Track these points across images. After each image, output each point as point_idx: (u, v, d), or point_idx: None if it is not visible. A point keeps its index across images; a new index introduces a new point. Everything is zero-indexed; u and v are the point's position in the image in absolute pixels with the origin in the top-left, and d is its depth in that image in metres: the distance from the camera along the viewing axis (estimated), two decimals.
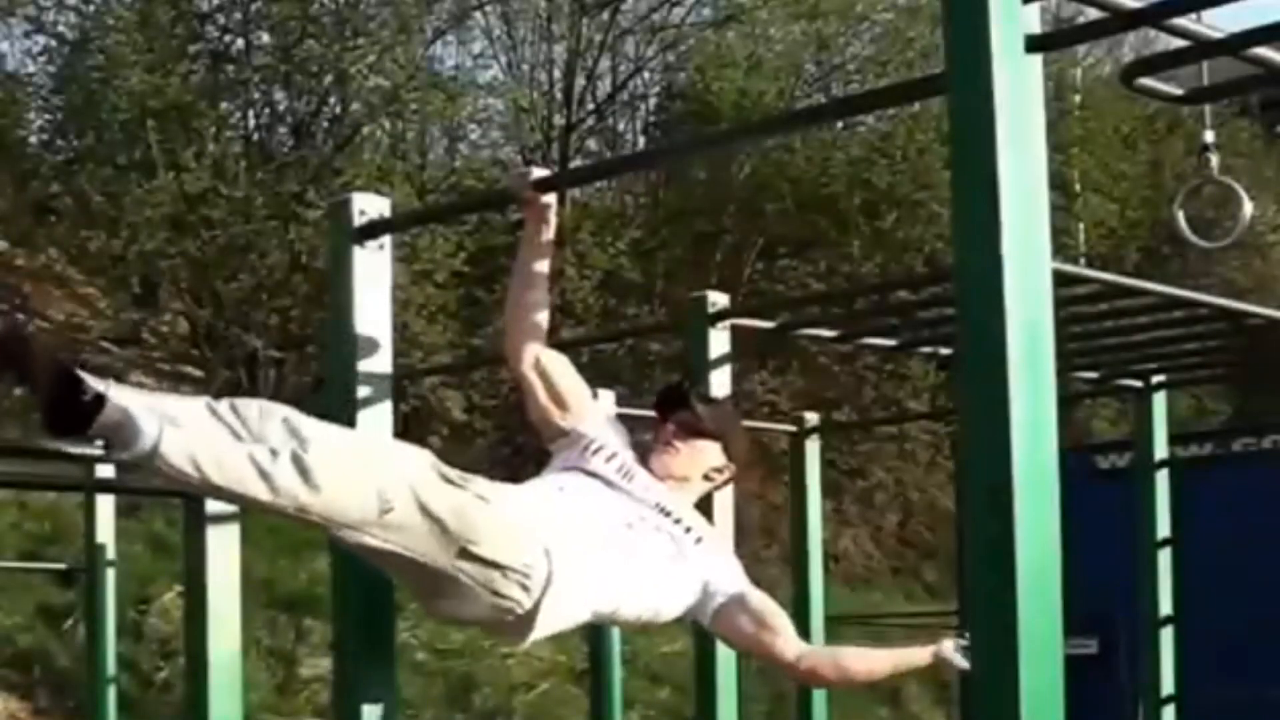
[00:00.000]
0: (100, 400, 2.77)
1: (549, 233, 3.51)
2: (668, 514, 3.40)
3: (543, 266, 3.52)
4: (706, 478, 3.56)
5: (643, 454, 3.54)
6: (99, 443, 2.88)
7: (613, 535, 3.27)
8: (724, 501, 4.22)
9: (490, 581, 3.01)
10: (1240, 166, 16.09)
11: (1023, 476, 2.28)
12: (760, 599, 3.46)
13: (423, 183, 14.38)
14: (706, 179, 16.32)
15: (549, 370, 3.53)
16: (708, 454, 3.56)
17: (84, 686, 7.42)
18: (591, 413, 3.59)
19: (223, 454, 2.85)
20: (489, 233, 14.30)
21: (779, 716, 11.02)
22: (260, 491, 2.83)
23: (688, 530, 3.40)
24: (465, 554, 2.98)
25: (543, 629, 3.16)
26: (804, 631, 6.21)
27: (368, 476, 2.95)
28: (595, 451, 3.46)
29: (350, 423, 3.52)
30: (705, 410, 3.60)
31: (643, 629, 3.50)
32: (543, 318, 3.52)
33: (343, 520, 2.89)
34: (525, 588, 3.05)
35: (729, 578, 3.45)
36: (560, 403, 3.53)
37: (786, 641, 3.42)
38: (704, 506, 4.22)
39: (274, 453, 2.86)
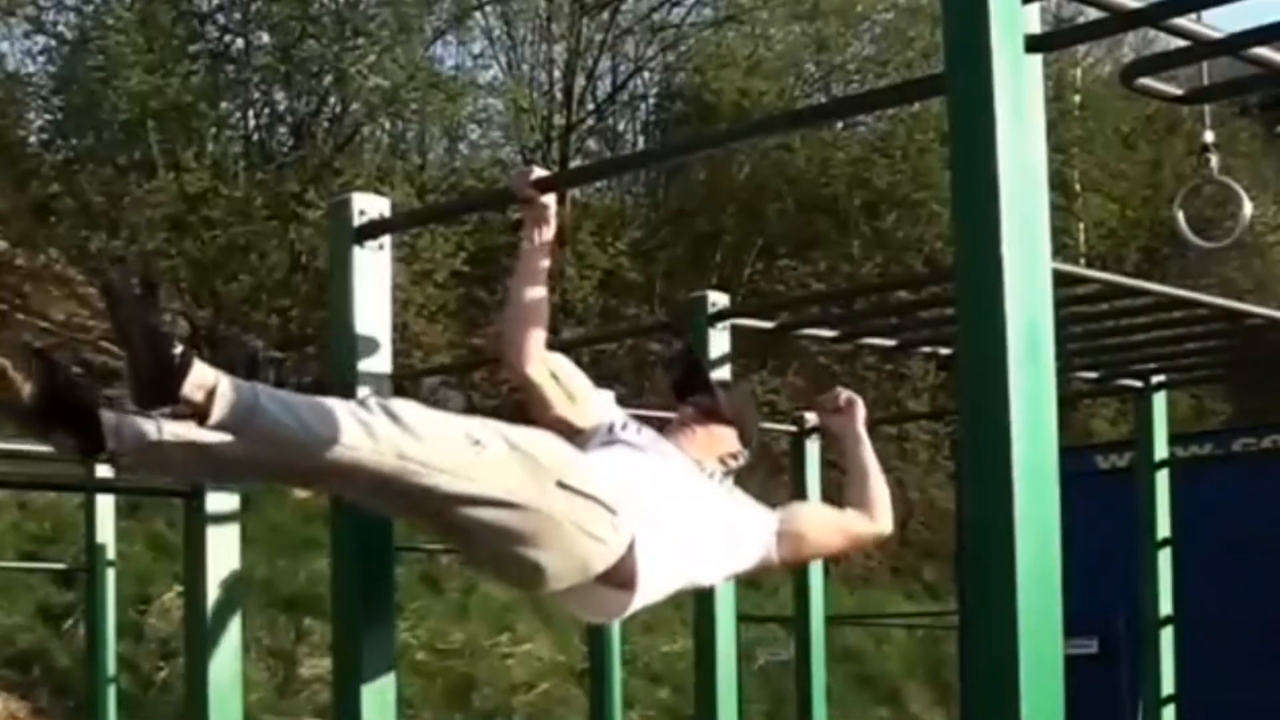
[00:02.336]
0: (189, 358, 2.75)
1: (549, 233, 3.51)
2: (708, 472, 3.45)
3: (543, 266, 3.52)
4: (721, 461, 3.56)
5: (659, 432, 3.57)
6: (185, 407, 2.80)
7: (681, 493, 3.30)
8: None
9: (582, 518, 2.97)
10: (1240, 166, 16.10)
11: (1023, 476, 2.28)
12: (800, 509, 3.64)
13: (423, 183, 14.39)
14: (706, 179, 16.32)
15: (560, 372, 3.53)
16: (723, 439, 3.57)
17: (84, 686, 7.42)
18: (603, 404, 3.59)
19: (325, 409, 2.82)
20: (489, 233, 14.31)
21: (779, 716, 11.02)
22: (361, 442, 2.78)
23: (723, 483, 3.47)
24: (561, 485, 2.96)
25: (645, 586, 3.11)
26: (804, 631, 6.23)
27: (454, 421, 2.95)
28: (623, 428, 3.48)
29: None
30: (724, 395, 3.61)
31: (723, 581, 3.55)
32: (543, 318, 3.52)
33: (441, 465, 2.84)
34: (615, 527, 3.03)
35: (769, 513, 3.51)
36: (571, 401, 3.52)
37: (850, 520, 3.58)
38: None
39: (365, 405, 2.86)
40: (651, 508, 3.15)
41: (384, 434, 2.80)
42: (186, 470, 3.35)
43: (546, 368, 3.50)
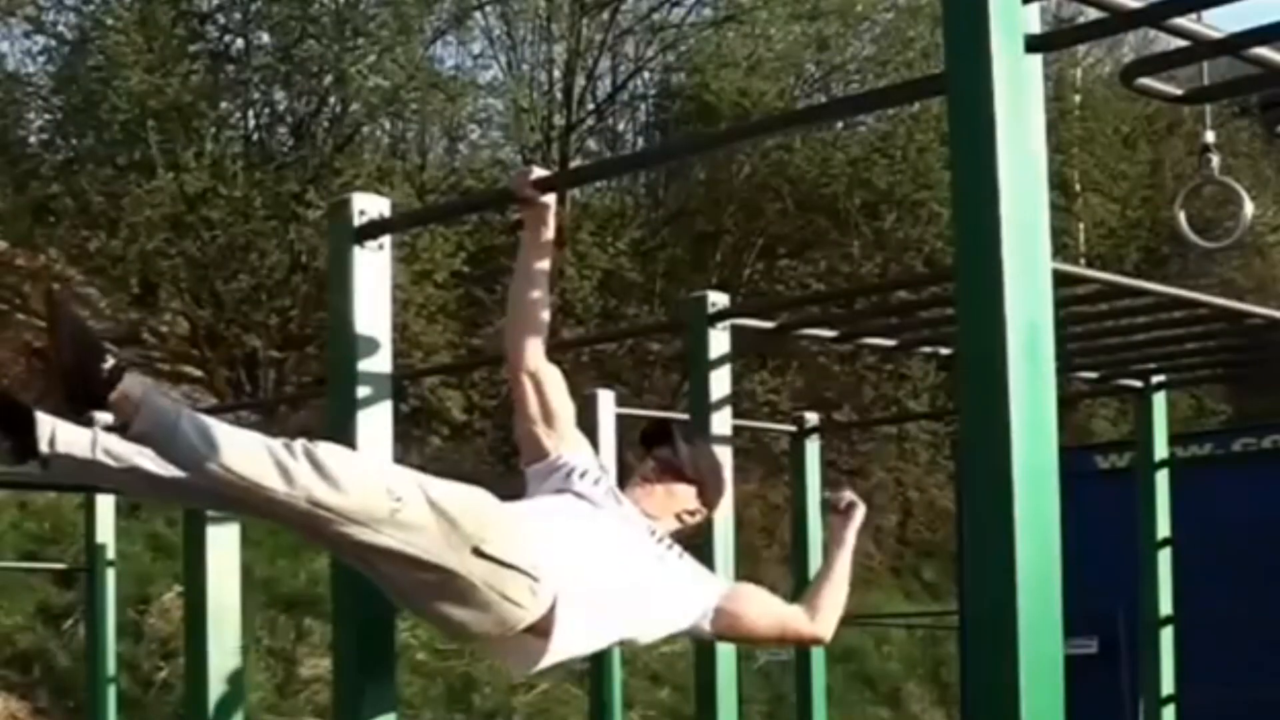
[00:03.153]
0: (120, 371, 2.79)
1: (549, 233, 3.51)
2: (654, 534, 3.41)
3: (544, 266, 3.51)
4: (678, 518, 3.55)
5: (619, 483, 3.54)
6: (113, 418, 2.87)
7: (612, 553, 3.26)
8: (724, 501, 4.22)
9: (501, 583, 2.99)
10: (1240, 166, 16.10)
11: (1023, 476, 2.28)
12: (748, 591, 3.53)
13: (423, 183, 14.38)
14: (706, 179, 16.32)
15: (544, 382, 3.49)
16: (681, 497, 3.54)
17: (84, 686, 7.42)
18: (576, 440, 3.55)
19: (242, 440, 2.84)
20: (489, 233, 14.31)
21: (779, 716, 11.02)
22: (276, 483, 2.80)
23: (670, 548, 3.41)
24: (478, 552, 2.95)
25: (560, 642, 3.11)
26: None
27: (377, 474, 2.96)
28: (581, 475, 3.44)
29: (350, 423, 3.52)
30: (687, 452, 3.56)
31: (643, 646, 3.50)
32: (544, 317, 3.51)
33: (354, 516, 2.85)
34: (534, 592, 3.03)
35: (715, 585, 3.48)
36: (549, 420, 3.49)
37: (790, 616, 3.52)
38: None
39: (289, 448, 2.86)
40: (577, 567, 3.14)
41: (301, 479, 2.81)
42: (118, 486, 3.40)
43: (539, 377, 3.48)
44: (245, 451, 2.82)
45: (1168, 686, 5.68)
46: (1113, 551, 5.94)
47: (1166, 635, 5.67)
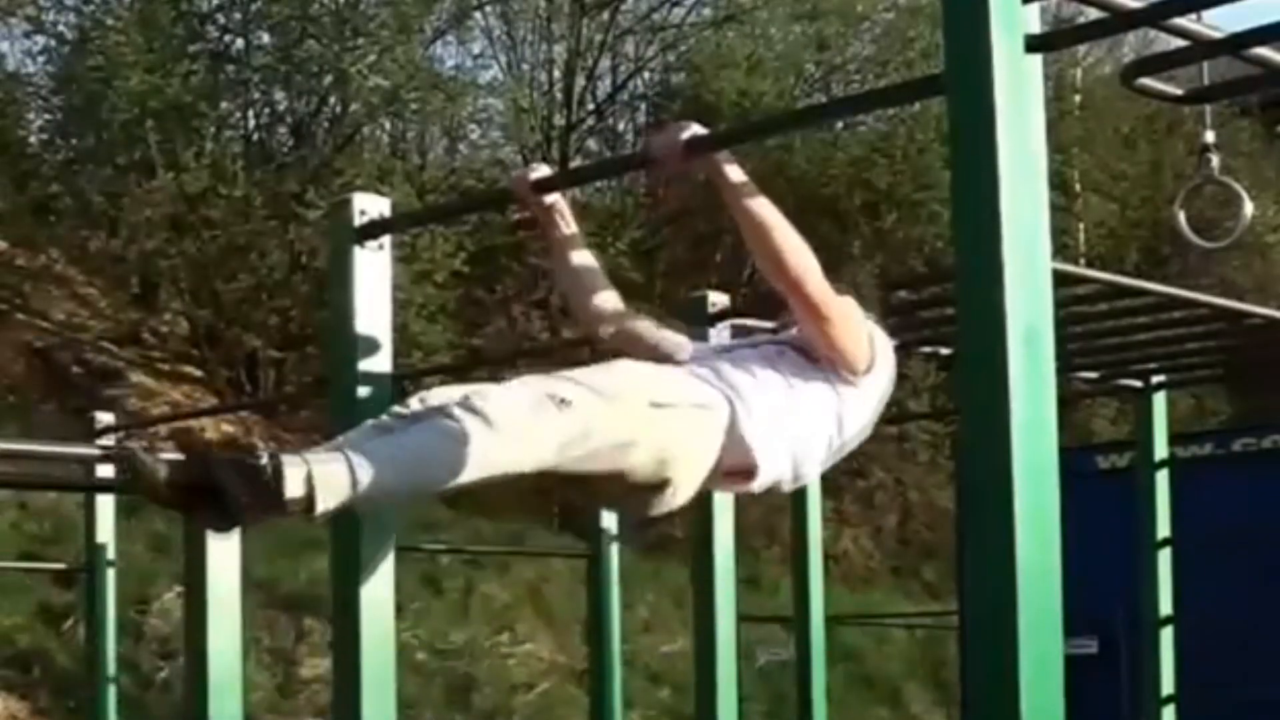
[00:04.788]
0: (277, 464, 2.66)
1: (569, 225, 3.52)
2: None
3: (582, 256, 3.51)
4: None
5: None
6: (290, 512, 2.70)
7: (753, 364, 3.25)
8: (724, 501, 4.22)
9: (685, 420, 2.99)
10: (1241, 166, 16.08)
11: (1023, 476, 2.28)
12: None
13: (423, 183, 14.38)
14: (706, 179, 16.28)
15: (639, 333, 3.48)
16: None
17: (84, 686, 7.41)
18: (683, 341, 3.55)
19: (407, 443, 2.80)
20: (489, 233, 14.31)
21: (779, 717, 11.02)
22: (459, 455, 2.75)
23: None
24: (654, 404, 2.96)
25: (760, 450, 3.07)
26: (804, 631, 6.23)
27: (532, 388, 2.89)
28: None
29: (351, 423, 3.51)
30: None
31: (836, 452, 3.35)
32: (602, 287, 3.48)
33: (539, 442, 2.81)
34: (713, 407, 3.04)
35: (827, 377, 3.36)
36: (659, 351, 3.44)
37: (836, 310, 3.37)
38: (704, 505, 4.23)
39: (447, 414, 2.81)
40: (734, 380, 3.13)
41: (476, 438, 2.77)
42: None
43: (626, 322, 3.47)
44: (422, 450, 2.78)
45: (1167, 686, 5.68)
46: (1113, 551, 5.94)
47: (1166, 635, 5.67)
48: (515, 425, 2.81)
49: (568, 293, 3.55)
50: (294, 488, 2.66)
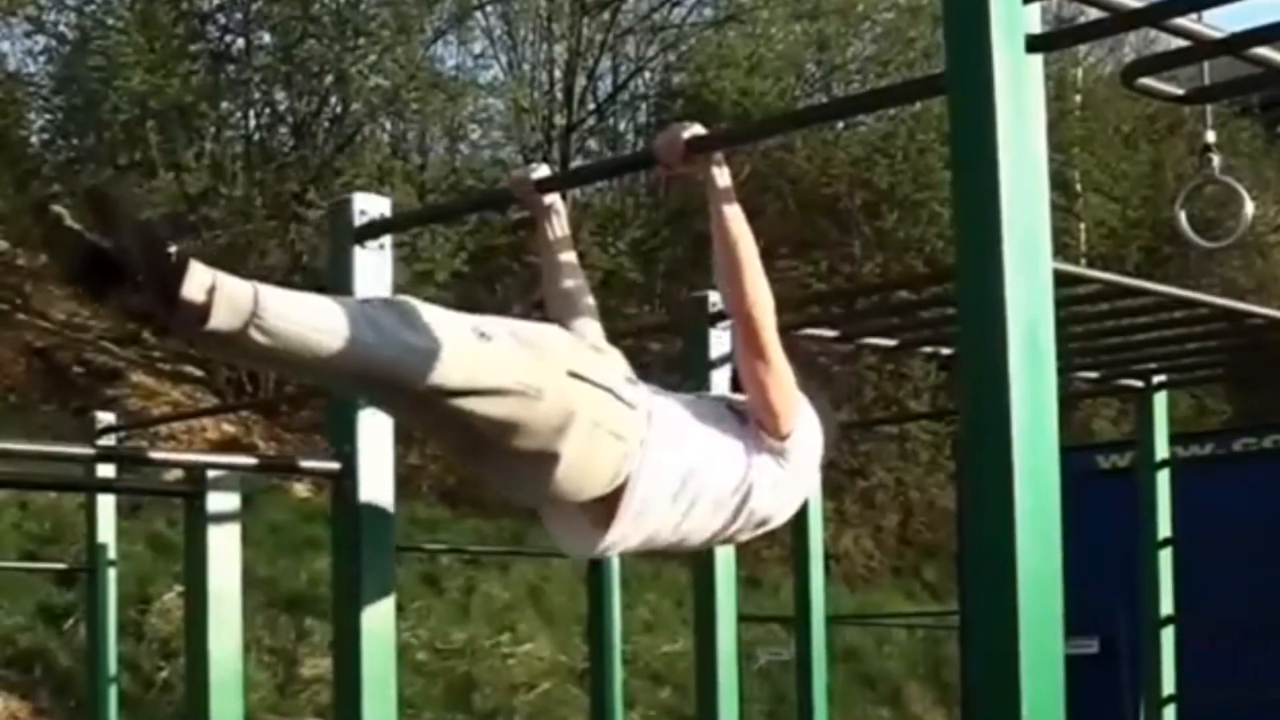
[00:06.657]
0: (185, 258, 2.62)
1: (562, 227, 3.52)
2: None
3: (569, 258, 3.52)
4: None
5: None
6: (179, 316, 2.63)
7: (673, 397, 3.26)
8: None
9: (602, 412, 2.96)
10: (1241, 166, 16.09)
11: (1023, 476, 2.28)
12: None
13: (423, 183, 14.38)
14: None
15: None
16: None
17: (85, 686, 7.41)
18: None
19: (323, 303, 2.79)
20: (489, 233, 14.30)
21: (779, 716, 11.02)
22: (366, 335, 2.74)
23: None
24: (573, 374, 2.94)
25: (648, 459, 3.02)
26: (804, 631, 6.23)
27: (458, 317, 2.92)
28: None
29: (351, 422, 3.52)
30: None
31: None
32: (588, 303, 3.49)
33: (447, 357, 2.80)
34: (631, 423, 3.00)
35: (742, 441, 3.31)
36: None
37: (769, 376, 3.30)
38: None
39: (369, 302, 2.86)
40: (663, 416, 3.11)
41: (389, 328, 2.78)
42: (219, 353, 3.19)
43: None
44: (335, 314, 2.77)
45: (1168, 686, 5.68)
46: (1113, 551, 5.94)
47: (1167, 635, 5.67)
48: (429, 331, 2.82)
49: (550, 295, 3.53)
50: (193, 290, 2.62)
